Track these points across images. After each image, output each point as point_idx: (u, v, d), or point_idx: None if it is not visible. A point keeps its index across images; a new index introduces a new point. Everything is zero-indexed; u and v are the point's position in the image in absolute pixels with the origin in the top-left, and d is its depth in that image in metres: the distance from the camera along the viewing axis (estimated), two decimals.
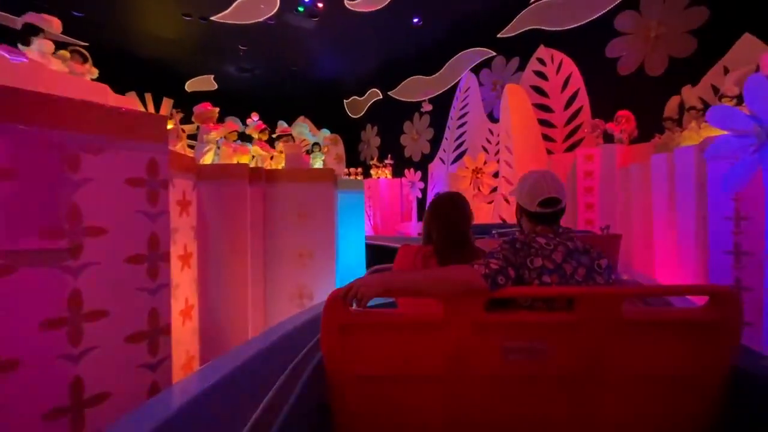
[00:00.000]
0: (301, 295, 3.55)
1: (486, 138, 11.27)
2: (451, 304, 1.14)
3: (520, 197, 1.34)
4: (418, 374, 1.20)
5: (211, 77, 14.10)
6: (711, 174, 3.88)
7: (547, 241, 1.23)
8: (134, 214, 1.69)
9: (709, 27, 7.67)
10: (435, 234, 1.55)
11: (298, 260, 3.56)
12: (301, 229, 3.56)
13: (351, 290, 1.13)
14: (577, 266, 1.20)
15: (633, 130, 7.00)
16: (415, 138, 14.45)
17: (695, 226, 4.39)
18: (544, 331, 1.15)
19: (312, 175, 3.53)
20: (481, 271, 1.14)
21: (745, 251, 3.67)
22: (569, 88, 9.42)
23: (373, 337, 1.20)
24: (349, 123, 17.54)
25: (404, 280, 1.20)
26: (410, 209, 12.93)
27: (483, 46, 12.32)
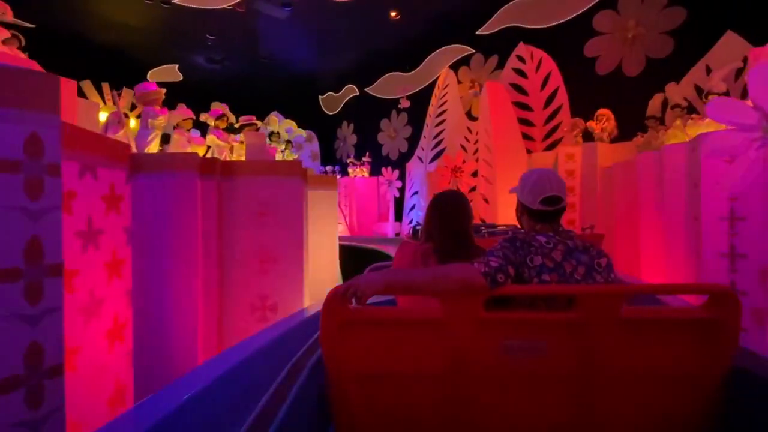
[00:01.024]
0: (264, 307, 3.08)
1: (465, 136, 11.04)
2: (451, 302, 1.13)
3: (522, 195, 1.31)
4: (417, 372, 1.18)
5: (175, 67, 13.23)
6: (705, 172, 3.68)
7: (547, 239, 1.22)
8: (3, 211, 1.20)
9: (687, 27, 7.70)
10: (436, 232, 1.53)
11: (260, 267, 3.09)
12: (264, 231, 3.09)
13: (351, 287, 1.10)
14: (577, 265, 1.20)
15: (613, 129, 6.90)
16: (392, 136, 14.09)
17: (685, 227, 4.21)
18: (543, 329, 1.14)
19: (277, 169, 3.06)
20: (481, 269, 1.13)
21: (741, 254, 3.49)
22: (549, 86, 9.30)
23: (372, 335, 1.18)
24: (325, 120, 17.00)
25: (404, 278, 1.18)
26: (387, 209, 12.55)
27: (461, 43, 12.11)
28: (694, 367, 1.14)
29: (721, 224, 3.62)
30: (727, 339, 1.13)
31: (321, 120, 16.89)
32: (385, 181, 12.38)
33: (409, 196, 12.18)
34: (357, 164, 12.82)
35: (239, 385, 1.17)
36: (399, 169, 12.67)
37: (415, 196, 11.87)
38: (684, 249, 4.22)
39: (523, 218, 1.36)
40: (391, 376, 1.20)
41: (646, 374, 1.16)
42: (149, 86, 3.11)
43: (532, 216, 1.31)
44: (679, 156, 4.25)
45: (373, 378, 1.20)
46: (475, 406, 1.20)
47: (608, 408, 1.17)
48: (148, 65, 12.89)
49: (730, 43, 5.58)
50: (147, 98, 3.08)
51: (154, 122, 2.96)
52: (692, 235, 4.04)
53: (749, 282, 3.44)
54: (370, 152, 13.49)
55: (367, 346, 1.18)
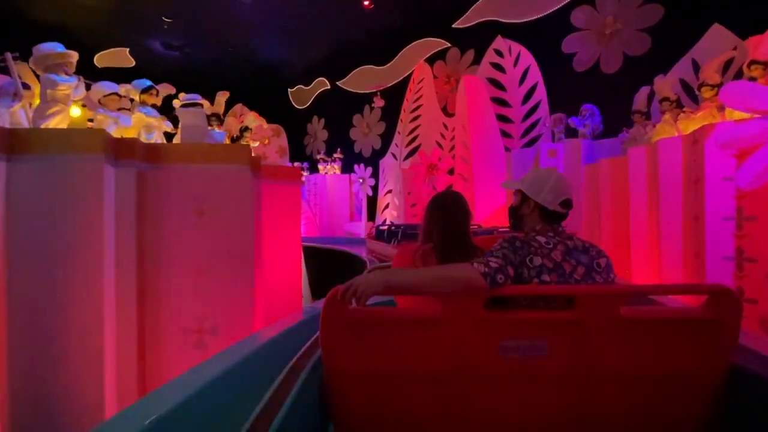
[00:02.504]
0: (201, 330, 2.43)
1: (440, 133, 10.62)
2: (451, 302, 1.13)
3: (539, 194, 1.26)
4: (417, 372, 1.18)
5: (125, 51, 12.05)
6: (710, 167, 3.35)
7: (546, 239, 1.22)
8: None
9: (664, 25, 7.60)
10: (435, 232, 1.53)
11: (196, 280, 2.44)
12: (201, 234, 2.45)
13: (350, 288, 1.10)
14: (576, 265, 1.20)
15: (597, 125, 6.63)
16: (365, 132, 13.50)
17: (683, 227, 3.89)
18: (543, 329, 1.14)
19: (218, 154, 2.41)
20: (481, 270, 1.13)
21: (750, 258, 3.16)
22: (527, 81, 9.01)
23: (372, 335, 1.18)
24: (294, 114, 16.18)
25: (403, 278, 1.17)
26: (360, 208, 11.96)
27: (437, 36, 11.69)
28: (693, 367, 1.13)
29: (727, 224, 3.29)
30: (726, 338, 1.12)
31: (290, 114, 16.06)
32: (357, 179, 11.78)
33: (383, 194, 11.64)
34: (328, 161, 12.15)
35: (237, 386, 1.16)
36: (372, 166, 12.10)
37: (389, 194, 11.35)
38: (681, 250, 3.90)
39: (530, 217, 1.31)
40: (390, 377, 1.20)
41: (646, 374, 1.15)
42: (51, 47, 2.38)
43: (544, 216, 1.28)
44: (675, 150, 3.93)
45: (373, 378, 1.19)
46: (475, 406, 1.20)
47: (608, 407, 1.17)
48: (94, 48, 11.65)
49: (717, 35, 5.42)
50: (46, 62, 2.35)
51: (54, 93, 2.24)
52: (691, 236, 3.72)
53: (759, 288, 3.12)
54: (342, 148, 12.85)
55: (366, 347, 1.18)
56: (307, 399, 1.18)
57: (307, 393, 1.18)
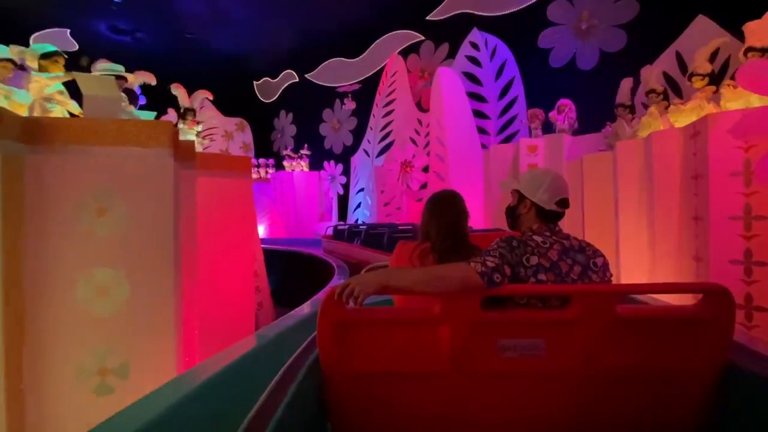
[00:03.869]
0: (104, 370, 1.79)
1: (415, 129, 10.18)
2: (448, 301, 1.12)
3: (535, 193, 1.27)
4: (414, 372, 1.18)
5: (66, 32, 10.81)
6: (714, 161, 3.02)
7: (543, 239, 1.23)
8: None
9: (640, 22, 7.49)
10: (433, 232, 1.53)
11: (96, 301, 1.80)
12: (103, 241, 1.81)
13: (347, 288, 1.10)
14: (573, 264, 1.20)
15: (575, 121, 6.37)
16: (336, 127, 12.86)
17: (679, 227, 3.58)
18: (540, 328, 1.14)
19: (126, 134, 1.78)
20: (478, 269, 1.12)
21: (759, 261, 2.85)
22: (504, 76, 8.71)
23: (369, 335, 1.17)
24: (260, 108, 15.28)
25: (400, 278, 1.17)
26: (330, 207, 11.32)
27: (410, 28, 11.25)
28: (688, 365, 1.13)
29: (734, 224, 2.98)
30: (721, 336, 1.11)
31: (256, 108, 15.15)
32: (327, 177, 11.13)
33: (354, 192, 11.06)
34: (294, 157, 11.42)
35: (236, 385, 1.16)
36: (343, 163, 11.51)
37: (361, 193, 10.79)
38: (677, 253, 3.59)
39: (526, 216, 1.31)
40: (388, 376, 1.19)
41: (642, 372, 1.15)
42: None
43: (540, 215, 1.28)
44: (671, 144, 3.61)
45: (370, 378, 1.19)
46: (472, 405, 1.20)
47: (604, 405, 1.18)
48: (31, 27, 10.37)
49: (702, 27, 5.26)
50: None
51: None
52: (689, 237, 3.42)
53: None
54: (311, 145, 12.15)
55: (364, 346, 1.17)
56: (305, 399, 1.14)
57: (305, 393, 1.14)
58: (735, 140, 2.94)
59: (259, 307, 5.15)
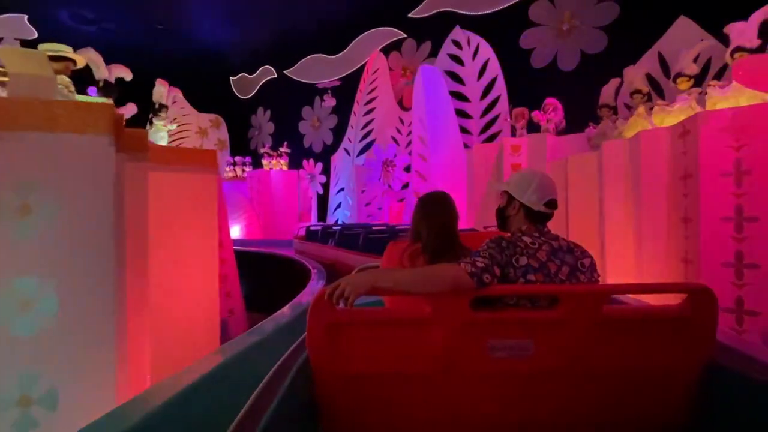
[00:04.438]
0: (26, 400, 1.49)
1: (396, 128, 9.99)
2: (438, 302, 1.13)
3: (524, 195, 1.28)
4: (405, 373, 1.18)
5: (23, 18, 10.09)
6: (705, 161, 2.93)
7: (532, 240, 1.24)
8: None
9: (620, 24, 7.54)
10: (424, 232, 1.54)
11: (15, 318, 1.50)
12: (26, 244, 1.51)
13: (337, 289, 1.10)
14: (561, 265, 1.21)
15: (561, 121, 6.32)
16: (315, 125, 12.53)
17: (667, 228, 3.49)
18: (528, 328, 1.15)
19: (53, 117, 1.49)
20: (468, 270, 1.13)
21: (750, 263, 2.77)
22: (486, 75, 8.62)
23: (359, 336, 1.17)
24: (237, 104, 14.77)
25: (391, 279, 1.18)
26: (309, 207, 10.99)
27: (392, 25, 11.06)
28: (673, 364, 1.15)
29: (725, 226, 2.90)
30: (704, 336, 1.14)
31: (232, 104, 14.64)
32: (306, 176, 10.80)
33: (334, 192, 10.78)
34: (273, 155, 11.03)
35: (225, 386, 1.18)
36: (323, 162, 11.20)
37: (341, 193, 10.52)
38: (665, 255, 3.51)
39: (515, 217, 1.32)
40: (378, 377, 1.19)
41: (627, 371, 1.17)
42: None
43: (529, 216, 1.29)
44: (660, 143, 3.53)
45: (360, 379, 1.18)
46: (463, 405, 1.21)
47: (591, 404, 1.20)
48: None
49: (683, 28, 5.27)
50: None
51: None
52: (678, 239, 3.33)
53: (762, 298, 2.75)
54: (290, 143, 11.78)
55: (354, 347, 1.16)
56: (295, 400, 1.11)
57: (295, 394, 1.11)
58: (726, 139, 2.86)
59: (231, 314, 4.82)
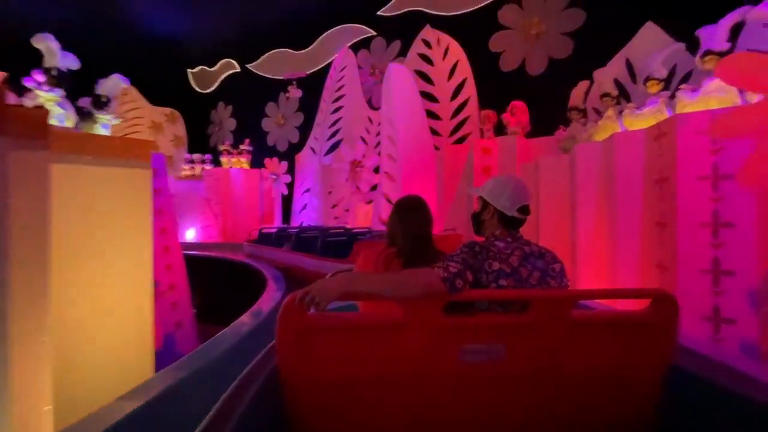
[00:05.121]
0: None
1: (365, 127, 9.69)
2: (411, 307, 1.12)
3: (498, 200, 1.30)
4: (377, 378, 1.17)
5: None
6: (683, 164, 2.85)
7: (505, 245, 1.26)
8: None
9: (586, 30, 7.67)
10: (399, 237, 1.55)
11: None
12: None
13: (308, 294, 1.08)
14: (533, 270, 1.23)
15: (527, 123, 6.26)
16: (280, 123, 11.99)
17: (641, 233, 3.41)
18: (500, 333, 1.16)
19: None
20: (441, 275, 1.14)
21: (726, 270, 2.70)
22: (456, 76, 8.51)
23: (331, 342, 1.15)
24: (196, 98, 13.93)
25: (363, 283, 1.18)
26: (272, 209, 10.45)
27: (361, 23, 10.78)
28: (637, 366, 1.18)
29: (702, 231, 2.82)
30: (666, 340, 1.17)
31: (190, 98, 13.79)
32: (269, 175, 10.26)
33: (300, 193, 10.31)
34: (234, 153, 10.40)
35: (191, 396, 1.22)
36: (288, 161, 10.70)
37: (308, 193, 10.07)
38: (640, 260, 3.43)
39: (490, 222, 1.33)
40: (350, 383, 1.17)
41: (594, 373, 1.20)
42: None
43: (502, 222, 1.31)
44: (635, 146, 3.45)
45: (331, 385, 1.17)
46: (436, 409, 1.21)
47: (560, 406, 1.22)
48: None
49: (650, 34, 5.36)
50: None
51: None
52: (653, 244, 3.26)
53: (738, 307, 2.68)
54: (253, 141, 11.17)
55: (326, 353, 1.15)
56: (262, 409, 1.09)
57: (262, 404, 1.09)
58: (703, 142, 2.79)
59: (178, 327, 4.32)
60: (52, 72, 3.39)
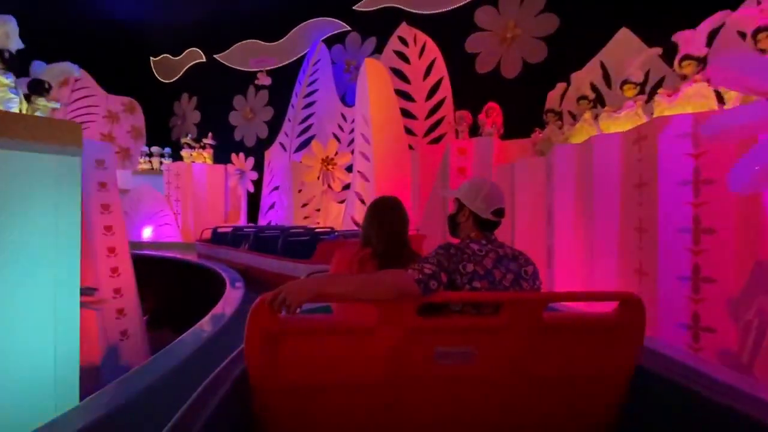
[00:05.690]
0: None
1: (338, 124, 9.38)
2: (385, 308, 1.11)
3: (473, 203, 1.31)
4: (350, 381, 1.15)
5: None
6: (663, 169, 2.77)
7: (479, 247, 1.26)
8: None
9: (560, 35, 7.74)
10: (374, 238, 1.53)
11: None
12: None
13: (279, 295, 1.05)
14: (506, 272, 1.24)
15: (501, 125, 6.19)
16: (248, 117, 11.44)
17: (619, 238, 3.34)
18: (473, 334, 1.17)
19: None
20: (415, 276, 1.13)
21: (707, 277, 2.64)
22: (432, 75, 8.38)
23: (303, 345, 1.12)
24: (157, 88, 13.10)
25: (336, 285, 1.15)
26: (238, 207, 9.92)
27: (336, 17, 10.47)
28: (605, 367, 1.20)
29: (682, 237, 2.76)
30: (632, 341, 1.19)
31: (151, 88, 12.95)
32: (235, 172, 9.73)
33: (268, 191, 9.85)
34: (195, 147, 9.80)
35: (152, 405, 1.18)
36: (255, 157, 10.20)
37: (276, 191, 9.63)
38: (618, 265, 3.36)
39: (465, 224, 1.34)
40: (322, 387, 1.15)
41: (564, 375, 1.21)
42: None
43: (477, 224, 1.31)
44: (612, 148, 3.38)
45: (303, 390, 1.15)
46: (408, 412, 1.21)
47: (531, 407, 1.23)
48: None
49: (625, 39, 5.40)
50: None
51: None
52: (631, 249, 3.19)
53: (718, 314, 2.63)
54: (219, 135, 10.58)
55: (297, 357, 1.12)
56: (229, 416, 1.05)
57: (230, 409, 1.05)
58: (685, 146, 2.72)
59: (123, 337, 3.88)
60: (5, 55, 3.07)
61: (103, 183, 3.87)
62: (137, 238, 8.50)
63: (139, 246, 7.03)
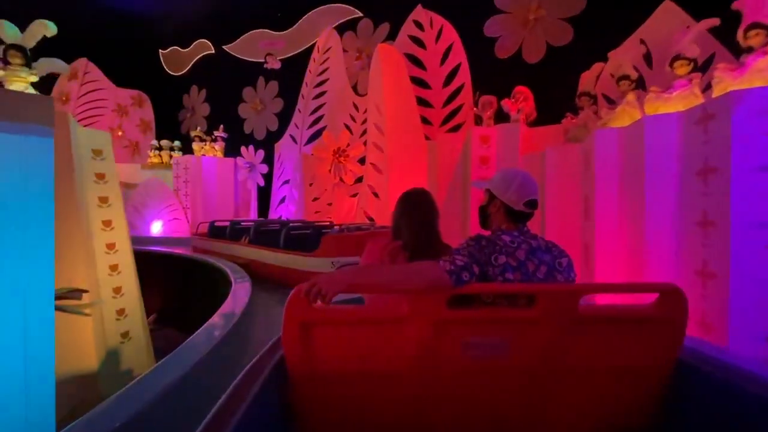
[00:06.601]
0: None
1: (350, 114, 9.02)
2: (416, 300, 1.13)
3: (505, 194, 1.30)
4: (381, 371, 1.18)
5: None
6: (739, 150, 2.35)
7: (511, 239, 1.25)
8: None
9: (586, 16, 7.21)
10: (405, 230, 1.54)
11: None
12: None
13: (314, 287, 1.08)
14: (539, 264, 1.22)
15: (532, 111, 5.75)
16: (258, 109, 11.16)
17: (676, 233, 2.92)
18: (505, 327, 1.17)
19: None
20: (446, 267, 1.15)
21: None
22: (449, 61, 7.93)
23: (336, 334, 1.17)
24: (166, 81, 12.91)
25: (369, 276, 1.19)
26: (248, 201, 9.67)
27: (347, 3, 10.06)
28: (644, 361, 1.18)
29: (759, 233, 2.34)
30: (674, 335, 1.17)
31: (160, 81, 12.76)
32: (245, 165, 9.46)
33: (279, 185, 9.57)
34: (206, 140, 9.55)
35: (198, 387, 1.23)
36: (265, 150, 9.92)
37: (287, 185, 9.34)
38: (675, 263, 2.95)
39: (496, 216, 1.32)
40: (355, 376, 1.19)
41: (600, 368, 1.19)
42: None
43: (509, 215, 1.29)
44: (671, 131, 2.95)
45: (336, 378, 1.18)
46: (438, 403, 1.22)
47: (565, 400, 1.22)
48: None
49: (668, 14, 4.91)
50: None
51: None
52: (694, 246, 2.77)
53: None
54: (229, 128, 10.33)
55: (331, 346, 1.16)
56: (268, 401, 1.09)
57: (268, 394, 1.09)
58: (764, 125, 2.30)
59: (125, 339, 3.63)
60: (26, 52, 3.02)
61: (101, 174, 3.59)
62: (146, 233, 8.32)
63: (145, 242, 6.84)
